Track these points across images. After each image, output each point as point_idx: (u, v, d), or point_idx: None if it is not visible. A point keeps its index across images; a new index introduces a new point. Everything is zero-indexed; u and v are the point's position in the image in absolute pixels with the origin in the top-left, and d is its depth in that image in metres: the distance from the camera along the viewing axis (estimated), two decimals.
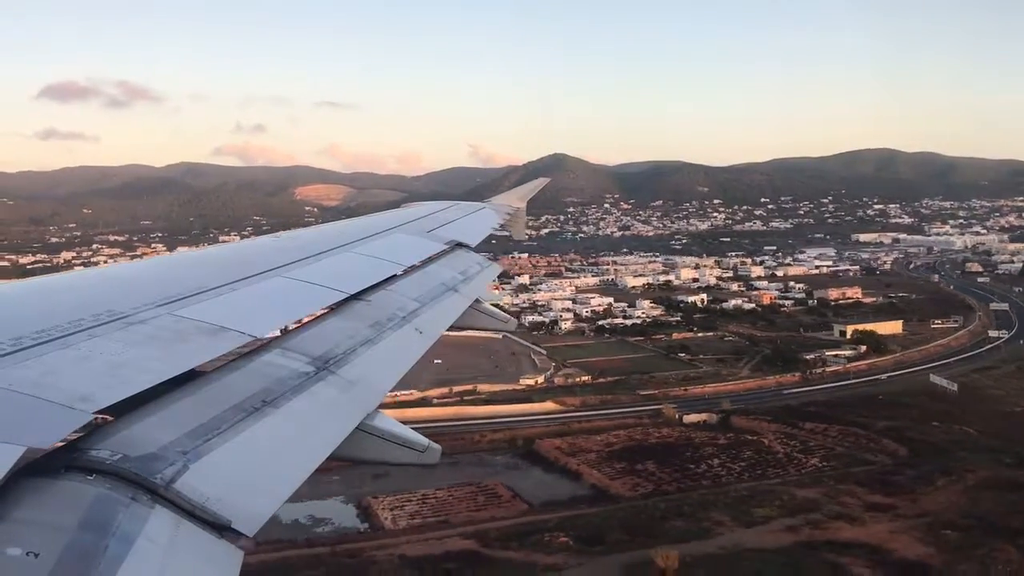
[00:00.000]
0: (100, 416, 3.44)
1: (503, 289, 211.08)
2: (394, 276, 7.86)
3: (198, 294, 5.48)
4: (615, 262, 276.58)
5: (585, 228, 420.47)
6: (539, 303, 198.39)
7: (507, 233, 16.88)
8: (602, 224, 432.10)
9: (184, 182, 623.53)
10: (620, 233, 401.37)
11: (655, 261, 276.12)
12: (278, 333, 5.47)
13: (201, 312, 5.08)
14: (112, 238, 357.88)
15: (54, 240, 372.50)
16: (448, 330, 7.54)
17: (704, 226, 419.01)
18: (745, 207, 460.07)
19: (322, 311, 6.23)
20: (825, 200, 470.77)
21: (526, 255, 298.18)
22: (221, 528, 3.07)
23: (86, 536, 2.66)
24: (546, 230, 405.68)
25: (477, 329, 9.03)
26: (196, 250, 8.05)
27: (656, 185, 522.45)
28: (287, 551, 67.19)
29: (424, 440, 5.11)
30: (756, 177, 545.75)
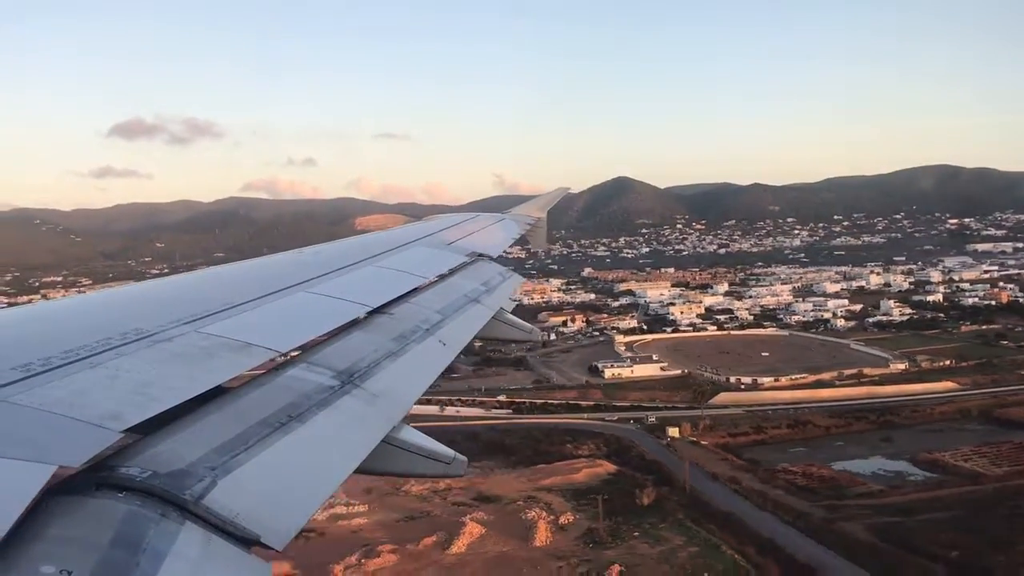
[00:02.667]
0: (129, 434, 3.47)
1: (706, 293, 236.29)
2: (416, 289, 7.88)
3: (223, 311, 5.52)
4: (773, 273, 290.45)
5: (678, 247, 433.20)
6: (767, 306, 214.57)
7: (542, 244, 16.82)
8: (686, 243, 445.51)
9: (244, 215, 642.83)
10: (723, 250, 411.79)
11: (826, 271, 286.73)
12: (302, 348, 5.49)
13: (226, 329, 5.12)
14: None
15: (154, 271, 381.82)
16: (472, 340, 7.54)
17: (796, 242, 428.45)
18: (821, 224, 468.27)
19: (346, 325, 6.25)
20: (898, 216, 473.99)
21: (672, 268, 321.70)
22: (250, 543, 3.08)
23: (117, 553, 2.67)
24: (646, 248, 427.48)
25: (501, 340, 9.02)
26: (220, 267, 8.12)
27: (724, 205, 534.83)
28: (922, 493, 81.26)
29: (450, 452, 5.11)
30: (824, 195, 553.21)
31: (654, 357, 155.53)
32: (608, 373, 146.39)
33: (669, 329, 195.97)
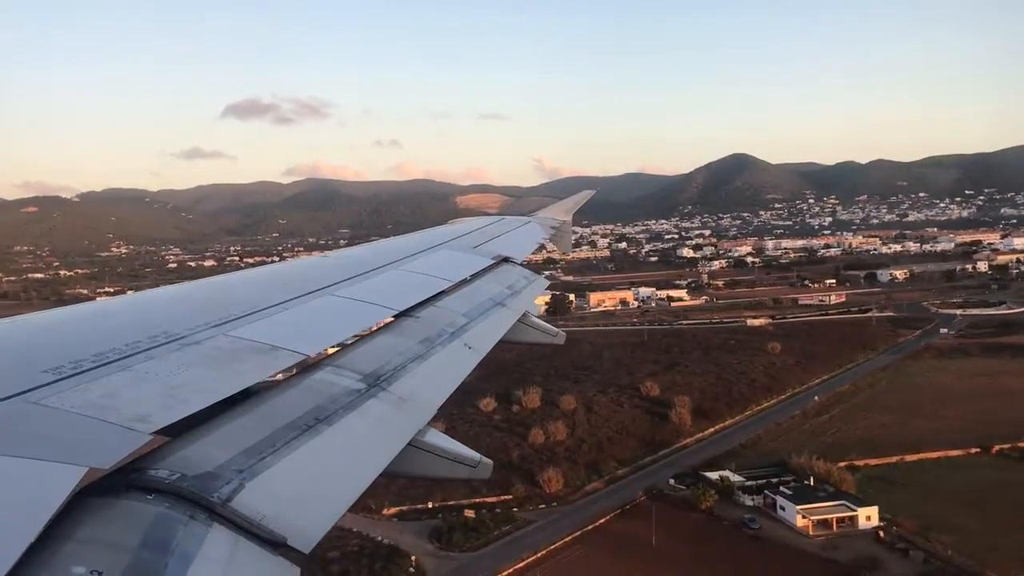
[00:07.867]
0: (158, 436, 3.49)
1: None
2: (442, 292, 7.88)
3: (250, 314, 5.55)
4: None
5: (846, 217, 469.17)
6: None
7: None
8: (849, 213, 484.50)
9: (347, 195, 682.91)
10: (903, 219, 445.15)
11: None
12: (329, 351, 5.51)
13: (254, 332, 5.14)
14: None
15: (317, 241, 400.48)
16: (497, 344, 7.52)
17: (960, 214, 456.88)
18: (957, 199, 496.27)
19: (372, 328, 6.26)
20: None
21: (897, 231, 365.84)
22: (277, 545, 3.09)
23: (147, 554, 2.69)
24: (829, 218, 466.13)
25: (526, 343, 8.99)
26: (248, 270, 8.17)
27: (850, 181, 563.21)
28: None
29: (476, 455, 5.08)
30: (950, 170, 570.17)
31: None
32: None
33: None
